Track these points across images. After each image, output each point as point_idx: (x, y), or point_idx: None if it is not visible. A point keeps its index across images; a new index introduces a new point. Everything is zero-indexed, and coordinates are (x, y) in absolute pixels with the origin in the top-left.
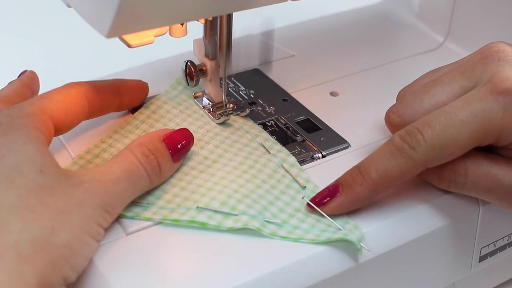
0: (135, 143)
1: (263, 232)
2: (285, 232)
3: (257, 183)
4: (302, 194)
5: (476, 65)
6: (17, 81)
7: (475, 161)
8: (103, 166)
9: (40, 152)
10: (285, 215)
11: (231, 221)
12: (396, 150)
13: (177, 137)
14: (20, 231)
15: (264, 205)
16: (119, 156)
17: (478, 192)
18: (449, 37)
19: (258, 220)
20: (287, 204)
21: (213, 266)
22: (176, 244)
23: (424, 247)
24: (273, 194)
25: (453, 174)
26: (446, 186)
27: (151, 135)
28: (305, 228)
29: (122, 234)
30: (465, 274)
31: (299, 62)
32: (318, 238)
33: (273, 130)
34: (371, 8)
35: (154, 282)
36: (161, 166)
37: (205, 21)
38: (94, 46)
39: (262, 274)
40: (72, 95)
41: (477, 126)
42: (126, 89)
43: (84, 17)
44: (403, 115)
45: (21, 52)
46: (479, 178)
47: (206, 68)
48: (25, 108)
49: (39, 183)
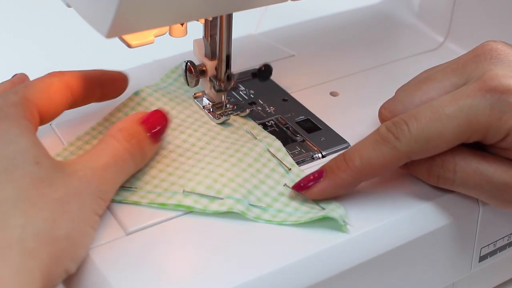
0: (115, 129)
1: (247, 216)
2: (269, 215)
3: (242, 167)
4: (287, 178)
5: (468, 63)
6: (8, 81)
7: (464, 158)
8: (90, 154)
9: (33, 143)
10: (270, 199)
11: (216, 205)
12: (381, 140)
13: (154, 118)
14: (23, 225)
15: (249, 189)
16: (102, 143)
17: (467, 188)
18: (449, 37)
19: (243, 204)
20: (271, 188)
21: (213, 266)
22: (176, 244)
23: (424, 247)
24: (258, 178)
25: (441, 170)
26: (435, 181)
27: (129, 119)
28: (289, 211)
29: (122, 234)
30: (465, 274)
31: (299, 62)
32: (301, 219)
33: (273, 130)
34: (371, 8)
35: (154, 282)
36: (143, 148)
37: (205, 21)
38: (94, 46)
39: (262, 274)
40: (55, 84)
41: (463, 121)
42: (107, 79)
43: (84, 17)
44: (394, 110)
45: (21, 52)
46: (468, 174)
47: (206, 68)
48: (10, 97)
49: (37, 175)
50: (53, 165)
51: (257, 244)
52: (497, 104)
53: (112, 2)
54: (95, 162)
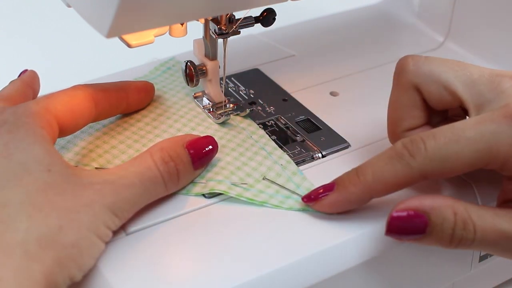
0: (157, 147)
1: (229, 194)
2: (251, 194)
3: (225, 152)
4: (270, 160)
5: (505, 79)
6: (18, 80)
7: (479, 216)
8: (118, 168)
9: (47, 151)
10: (252, 179)
11: (199, 188)
12: (395, 156)
13: (201, 144)
14: (27, 229)
15: (232, 170)
16: (137, 159)
17: (484, 246)
18: (449, 37)
19: (225, 184)
20: (254, 169)
21: (213, 266)
22: (176, 244)
23: (424, 247)
24: (241, 160)
25: (464, 232)
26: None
27: (174, 139)
28: (270, 193)
29: (122, 234)
30: (465, 274)
31: (299, 62)
32: (281, 204)
33: (273, 130)
34: (371, 8)
35: (154, 282)
36: (180, 173)
37: (205, 21)
38: (94, 46)
39: (262, 274)
40: (79, 96)
41: (482, 146)
42: (133, 91)
43: (84, 17)
44: (420, 67)
45: (21, 52)
46: (486, 232)
47: (206, 68)
48: (31, 107)
49: (47, 182)
50: (67, 174)
51: (257, 244)
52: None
53: (112, 2)
54: (119, 178)
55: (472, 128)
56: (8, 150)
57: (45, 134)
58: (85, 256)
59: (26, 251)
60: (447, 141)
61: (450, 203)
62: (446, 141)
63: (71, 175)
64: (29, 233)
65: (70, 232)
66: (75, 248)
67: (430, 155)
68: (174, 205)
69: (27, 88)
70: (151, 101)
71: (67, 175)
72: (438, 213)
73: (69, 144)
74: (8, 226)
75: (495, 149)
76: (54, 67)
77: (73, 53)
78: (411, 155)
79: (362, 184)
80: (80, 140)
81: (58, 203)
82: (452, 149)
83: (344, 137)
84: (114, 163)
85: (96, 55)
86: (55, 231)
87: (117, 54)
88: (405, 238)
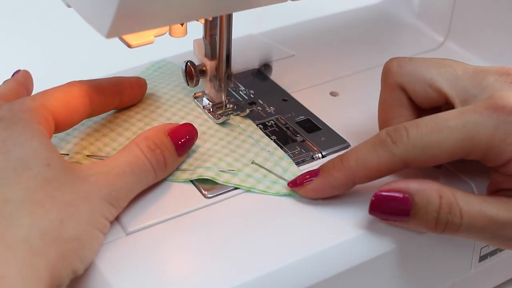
0: (141, 137)
1: (217, 181)
2: (239, 180)
3: (214, 141)
4: (257, 147)
5: (489, 76)
6: (12, 79)
7: (467, 202)
8: (109, 159)
9: (45, 146)
10: (240, 164)
11: (187, 175)
12: (378, 143)
13: (182, 132)
14: (30, 225)
15: (220, 157)
16: (125, 149)
17: (471, 232)
18: (449, 37)
19: (213, 171)
20: (242, 156)
21: (213, 266)
22: (176, 244)
23: (424, 247)
24: (229, 148)
25: (450, 215)
26: (442, 229)
27: (156, 129)
28: (257, 178)
29: (122, 234)
30: (465, 274)
31: (299, 62)
32: (269, 190)
33: (273, 130)
34: (371, 8)
35: (154, 282)
36: (167, 160)
37: (205, 21)
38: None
39: (262, 274)
40: (74, 92)
41: (464, 136)
42: (126, 86)
43: (84, 17)
44: (403, 67)
45: (21, 52)
46: (473, 218)
47: (206, 68)
48: (27, 103)
49: (46, 177)
50: (64, 168)
51: (257, 244)
52: (502, 124)
53: (112, 2)
54: (111, 169)
55: (454, 118)
56: (6, 146)
57: (42, 129)
58: (86, 249)
59: (30, 247)
60: (429, 130)
61: (437, 187)
62: (429, 130)
63: (68, 168)
64: (32, 229)
65: (70, 226)
66: (76, 242)
67: (412, 143)
68: (174, 205)
69: (21, 87)
70: (143, 97)
71: (64, 169)
72: (423, 195)
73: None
74: (11, 223)
75: (477, 139)
76: (54, 67)
77: (73, 53)
78: (393, 142)
79: (345, 169)
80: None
81: (58, 197)
82: (434, 138)
83: (344, 137)
84: (105, 150)
85: (96, 55)
86: (56, 226)
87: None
88: (390, 218)
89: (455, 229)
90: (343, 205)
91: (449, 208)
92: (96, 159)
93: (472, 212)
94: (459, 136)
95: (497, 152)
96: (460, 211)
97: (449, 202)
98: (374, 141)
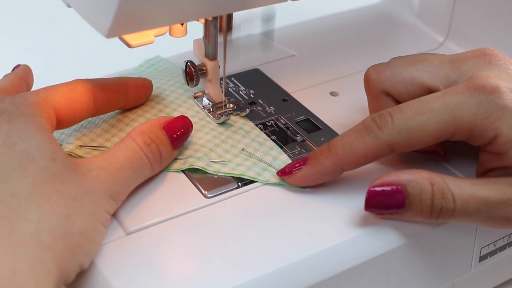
0: (136, 131)
1: (208, 171)
2: (229, 169)
3: (205, 131)
4: (248, 138)
5: (466, 61)
6: (12, 74)
7: (457, 186)
8: (107, 154)
9: (49, 140)
10: (230, 155)
11: (178, 164)
12: (364, 129)
13: (176, 125)
14: (38, 220)
15: (211, 147)
16: (121, 144)
17: (465, 215)
18: (449, 37)
19: (203, 161)
20: (232, 146)
21: (213, 266)
22: (176, 244)
23: (425, 247)
24: (220, 138)
25: (443, 201)
26: (437, 216)
27: (151, 123)
28: (247, 165)
29: (122, 234)
30: (465, 274)
31: (299, 62)
32: (258, 177)
33: (273, 130)
34: (371, 8)
35: (154, 282)
36: (162, 153)
37: (205, 21)
38: (94, 46)
39: (262, 274)
40: (78, 90)
41: (446, 117)
42: (132, 87)
43: (84, 17)
44: (381, 73)
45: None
46: (466, 201)
47: (206, 68)
48: (29, 97)
49: (52, 171)
50: (68, 162)
51: (257, 244)
52: (483, 103)
53: (112, 2)
54: (110, 163)
55: (437, 100)
56: (10, 139)
57: (44, 123)
58: (91, 243)
59: (40, 242)
60: (413, 113)
61: (427, 175)
62: (412, 114)
63: (72, 162)
64: (41, 224)
65: (77, 220)
66: (82, 236)
67: (397, 127)
68: (174, 205)
69: (21, 82)
70: (148, 99)
71: (68, 163)
72: (415, 184)
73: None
74: (19, 218)
75: (460, 119)
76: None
77: (73, 53)
78: (379, 127)
79: (333, 156)
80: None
81: (64, 192)
82: (418, 121)
83: None
84: (97, 141)
85: (96, 55)
86: (64, 220)
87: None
88: (386, 212)
89: (449, 214)
90: (343, 205)
91: (441, 194)
92: (89, 149)
93: (464, 196)
94: (442, 117)
95: (480, 130)
96: (453, 195)
97: (441, 188)
98: (360, 127)
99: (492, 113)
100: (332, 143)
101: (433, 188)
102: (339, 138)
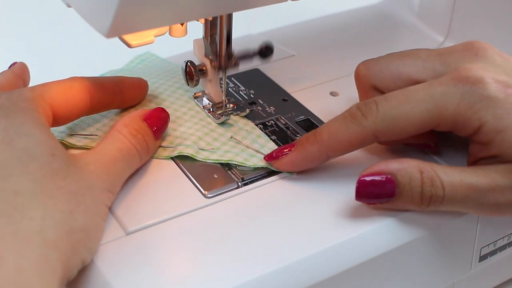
0: (120, 124)
1: (197, 158)
2: (217, 156)
3: (194, 121)
4: (236, 127)
5: (453, 53)
6: (9, 71)
7: (446, 173)
8: (99, 148)
9: (48, 136)
10: (219, 143)
11: (168, 152)
12: (349, 116)
13: (156, 116)
14: (43, 217)
15: (200, 136)
16: (108, 137)
17: (455, 202)
18: (449, 37)
19: (193, 148)
20: (221, 135)
21: (213, 265)
22: (176, 244)
23: (424, 247)
24: (209, 128)
25: (433, 188)
26: (427, 203)
27: (132, 115)
28: (235, 152)
29: (122, 234)
30: (465, 274)
31: (299, 62)
32: (246, 162)
33: (273, 130)
34: (371, 8)
35: (154, 282)
36: (148, 144)
37: (205, 21)
38: (94, 46)
39: (262, 273)
40: (75, 87)
41: (431, 106)
42: (128, 87)
43: (84, 17)
44: (370, 69)
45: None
46: (455, 188)
47: (206, 68)
48: (26, 92)
49: (53, 167)
50: (67, 158)
51: (257, 244)
52: (467, 94)
53: (112, 2)
54: (104, 156)
55: (422, 90)
56: (8, 135)
57: (42, 118)
58: (93, 238)
59: (45, 240)
60: (397, 102)
61: (416, 163)
62: (397, 102)
63: (70, 158)
64: (46, 221)
65: (79, 216)
66: (84, 232)
67: (381, 115)
68: (174, 205)
69: (18, 79)
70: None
71: (67, 158)
72: (404, 173)
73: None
74: (24, 216)
75: (443, 109)
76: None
77: (73, 53)
78: (363, 115)
79: (318, 143)
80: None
81: (65, 188)
82: (403, 109)
83: None
84: (88, 130)
85: (95, 55)
86: (67, 217)
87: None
88: (376, 202)
89: (439, 202)
90: (343, 205)
91: (431, 182)
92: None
93: (453, 182)
94: (426, 106)
95: (464, 120)
96: (442, 183)
97: (430, 176)
98: (345, 115)
99: (475, 103)
100: (318, 130)
101: (422, 176)
102: (325, 125)
